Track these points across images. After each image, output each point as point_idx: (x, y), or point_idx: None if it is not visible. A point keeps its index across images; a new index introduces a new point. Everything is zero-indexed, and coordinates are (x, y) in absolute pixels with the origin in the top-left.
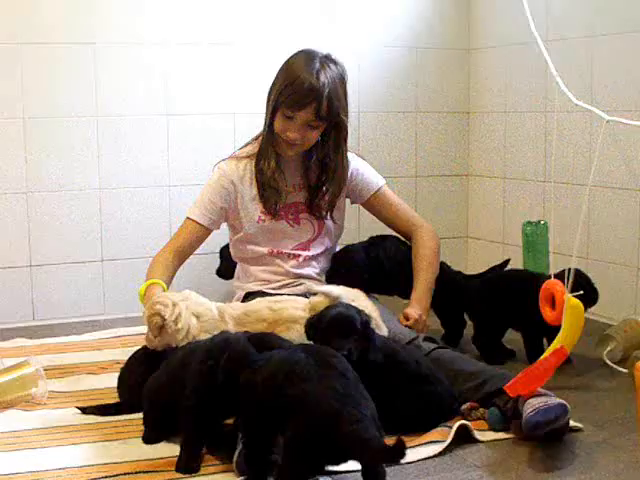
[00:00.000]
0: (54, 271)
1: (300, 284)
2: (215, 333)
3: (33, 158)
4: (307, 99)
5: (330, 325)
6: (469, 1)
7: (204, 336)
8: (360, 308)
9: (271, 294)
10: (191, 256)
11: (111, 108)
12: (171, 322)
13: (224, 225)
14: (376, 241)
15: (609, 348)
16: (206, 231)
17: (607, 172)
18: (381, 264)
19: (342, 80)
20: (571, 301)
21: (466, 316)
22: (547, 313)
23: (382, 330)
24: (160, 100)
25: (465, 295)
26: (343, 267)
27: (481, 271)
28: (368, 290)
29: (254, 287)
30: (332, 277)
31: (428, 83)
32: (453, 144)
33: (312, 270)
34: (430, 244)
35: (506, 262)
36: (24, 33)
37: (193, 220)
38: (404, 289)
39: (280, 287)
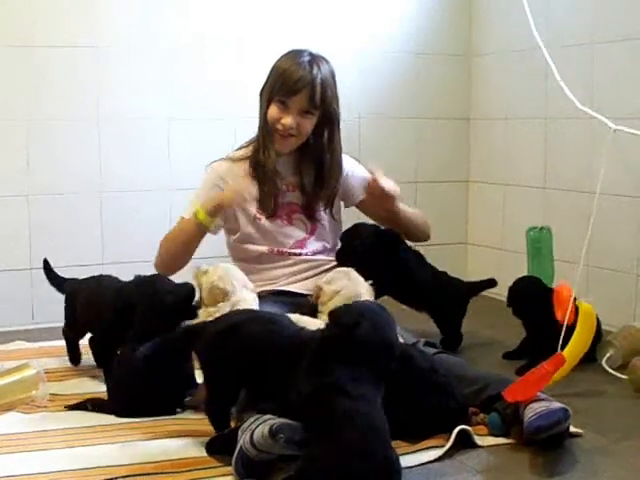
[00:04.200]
0: None
1: (308, 278)
2: None
3: (34, 161)
4: (300, 84)
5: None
6: (470, 7)
7: None
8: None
9: (276, 291)
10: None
11: (112, 111)
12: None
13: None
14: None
15: (609, 354)
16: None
17: (608, 179)
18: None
19: (332, 74)
20: (583, 306)
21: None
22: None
23: None
24: (162, 103)
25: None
26: (350, 244)
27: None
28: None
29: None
30: (340, 255)
31: (429, 89)
32: (453, 150)
33: (319, 256)
34: (425, 219)
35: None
36: (28, 35)
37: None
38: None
39: (286, 284)
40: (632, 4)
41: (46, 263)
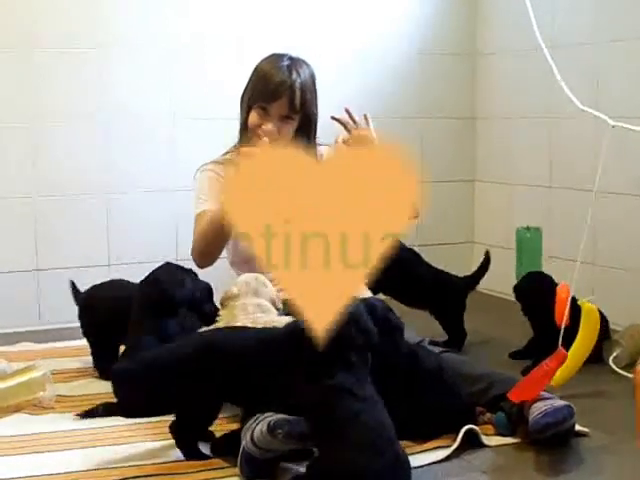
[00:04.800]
0: (60, 275)
1: None
2: None
3: (39, 162)
4: (281, 89)
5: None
6: (475, 6)
7: None
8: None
9: None
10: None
11: (115, 111)
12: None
13: None
14: None
15: (615, 353)
16: None
17: (613, 178)
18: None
19: (312, 77)
20: (586, 306)
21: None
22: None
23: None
24: (165, 103)
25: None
26: None
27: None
28: None
29: None
30: None
31: (434, 88)
32: (459, 150)
33: None
34: None
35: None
36: (28, 36)
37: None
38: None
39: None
40: None
41: (73, 284)
